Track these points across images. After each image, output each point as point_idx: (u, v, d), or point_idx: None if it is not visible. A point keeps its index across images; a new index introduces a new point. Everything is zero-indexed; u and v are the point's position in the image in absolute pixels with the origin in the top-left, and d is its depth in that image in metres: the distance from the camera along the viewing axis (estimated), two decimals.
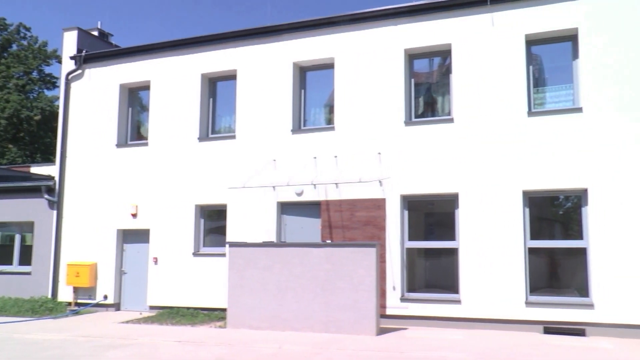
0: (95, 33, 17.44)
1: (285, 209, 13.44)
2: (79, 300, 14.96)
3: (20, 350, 9.65)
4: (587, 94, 11.14)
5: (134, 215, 14.68)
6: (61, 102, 16.17)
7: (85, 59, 15.88)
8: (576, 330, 10.64)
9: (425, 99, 13.02)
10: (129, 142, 15.44)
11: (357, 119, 12.83)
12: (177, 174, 14.38)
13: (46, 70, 34.17)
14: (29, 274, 15.82)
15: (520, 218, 11.33)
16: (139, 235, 14.74)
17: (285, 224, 13.40)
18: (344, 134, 12.91)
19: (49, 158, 30.05)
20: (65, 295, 15.13)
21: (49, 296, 15.26)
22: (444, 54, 12.67)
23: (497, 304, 11.22)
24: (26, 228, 16.34)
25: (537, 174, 11.28)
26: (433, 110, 12.94)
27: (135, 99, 15.90)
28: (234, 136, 14.02)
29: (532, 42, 11.89)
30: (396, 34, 12.72)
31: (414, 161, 12.23)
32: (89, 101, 15.72)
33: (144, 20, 57.85)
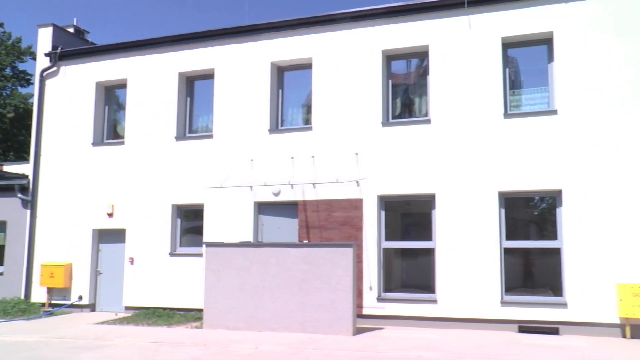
0: (71, 30, 17.13)
1: (263, 209, 13.41)
2: (53, 301, 14.74)
3: None
4: (562, 96, 11.32)
5: (110, 215, 14.52)
6: (35, 100, 15.91)
7: (60, 56, 15.66)
8: (550, 329, 10.82)
9: (402, 100, 13.09)
10: (105, 141, 15.25)
11: (335, 119, 12.85)
12: (154, 173, 14.26)
13: (20, 66, 33.28)
14: (1, 274, 15.52)
15: (496, 218, 11.46)
16: (114, 235, 14.58)
17: (262, 224, 13.37)
18: (322, 134, 12.92)
19: (22, 156, 29.49)
20: (39, 296, 14.89)
21: (22, 297, 14.99)
22: (421, 55, 12.75)
23: (473, 304, 11.34)
24: None
25: (513, 175, 11.43)
26: (410, 112, 13.02)
27: (111, 97, 15.71)
28: (211, 136, 13.94)
29: (509, 45, 12.04)
30: (374, 35, 12.78)
31: (391, 162, 12.30)
32: (64, 99, 15.50)
33: (121, 18, 57.22)
